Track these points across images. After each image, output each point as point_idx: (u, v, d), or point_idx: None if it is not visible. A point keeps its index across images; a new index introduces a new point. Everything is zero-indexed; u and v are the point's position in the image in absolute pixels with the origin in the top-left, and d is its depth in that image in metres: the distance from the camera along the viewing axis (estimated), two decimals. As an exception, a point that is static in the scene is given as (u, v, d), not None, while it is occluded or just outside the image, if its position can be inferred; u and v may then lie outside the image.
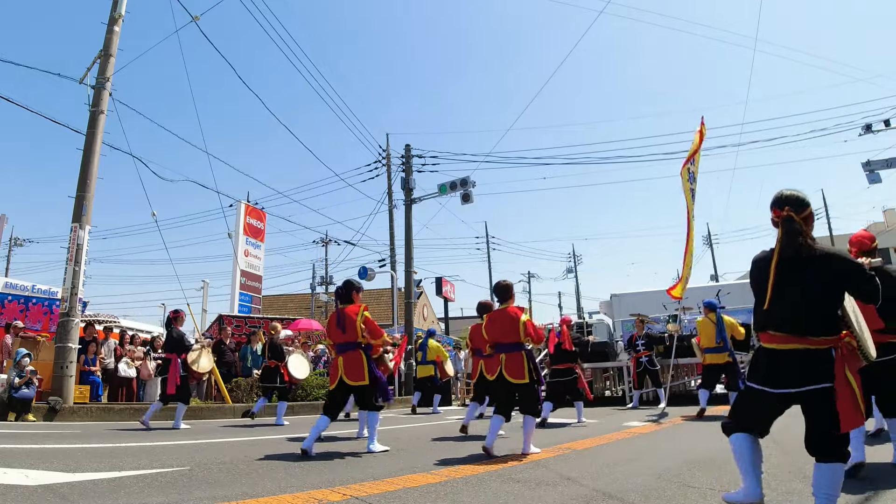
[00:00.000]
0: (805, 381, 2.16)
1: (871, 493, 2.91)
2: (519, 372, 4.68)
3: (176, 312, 7.33)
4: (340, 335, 4.91)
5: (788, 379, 2.19)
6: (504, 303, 4.97)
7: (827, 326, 2.21)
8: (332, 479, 3.54)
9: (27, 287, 13.43)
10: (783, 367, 2.22)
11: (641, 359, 9.91)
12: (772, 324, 2.29)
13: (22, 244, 31.10)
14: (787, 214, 2.34)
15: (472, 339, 6.70)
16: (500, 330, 4.87)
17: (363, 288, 5.30)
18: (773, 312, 2.31)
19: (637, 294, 15.40)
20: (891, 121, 15.24)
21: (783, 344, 2.23)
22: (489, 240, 32.40)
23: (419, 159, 17.74)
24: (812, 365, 2.16)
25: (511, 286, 5.07)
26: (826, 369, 2.14)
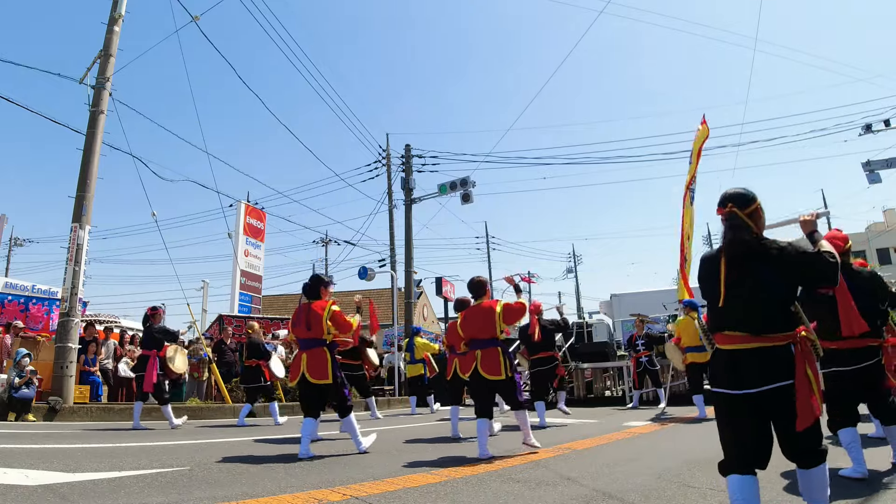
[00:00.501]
0: (766, 380, 2.08)
1: (870, 495, 2.91)
2: (495, 368, 4.59)
3: (154, 309, 7.25)
4: (305, 332, 4.75)
5: (750, 379, 2.10)
6: (478, 299, 4.90)
7: (784, 322, 2.14)
8: (332, 479, 3.54)
9: (27, 287, 13.43)
10: (743, 368, 2.13)
11: (641, 359, 9.91)
12: (727, 324, 2.21)
13: (22, 244, 31.09)
14: (729, 211, 2.29)
15: (449, 336, 6.61)
16: (474, 326, 4.79)
17: (333, 283, 5.15)
18: (727, 312, 2.22)
19: (637, 294, 15.42)
20: (891, 121, 15.23)
21: (741, 344, 2.15)
22: (489, 240, 32.43)
23: (419, 159, 17.76)
24: (772, 363, 2.09)
25: (485, 282, 4.98)
26: (787, 367, 2.07)
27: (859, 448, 3.25)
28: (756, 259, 2.19)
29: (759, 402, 2.09)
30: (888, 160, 15.62)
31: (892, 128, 15.22)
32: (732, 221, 2.27)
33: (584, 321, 17.55)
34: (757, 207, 2.30)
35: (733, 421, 2.15)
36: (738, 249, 2.22)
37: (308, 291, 4.95)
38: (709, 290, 2.31)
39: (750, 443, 2.11)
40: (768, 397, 2.07)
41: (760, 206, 2.31)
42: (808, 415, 2.01)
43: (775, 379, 2.07)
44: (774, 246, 2.20)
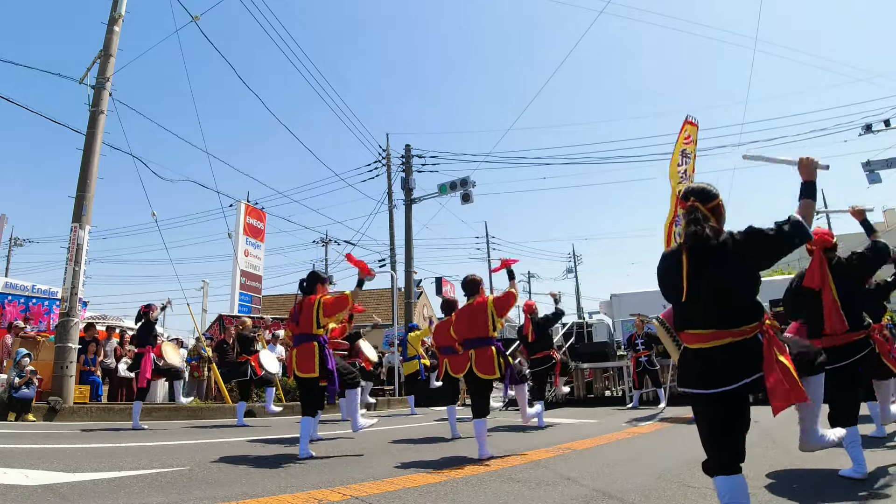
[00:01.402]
0: (741, 375, 2.04)
1: (870, 494, 2.91)
2: (489, 367, 4.56)
3: (147, 307, 7.26)
4: (295, 327, 4.78)
5: (723, 376, 2.05)
6: (471, 297, 4.85)
7: (750, 313, 2.10)
8: (332, 479, 3.54)
9: (27, 287, 13.43)
10: (715, 365, 2.08)
11: (641, 359, 9.91)
12: (694, 321, 2.15)
13: (22, 244, 31.06)
14: (691, 205, 2.26)
15: (437, 336, 6.56)
16: (468, 325, 4.76)
17: (332, 281, 5.17)
18: (692, 308, 2.16)
19: (637, 294, 15.39)
20: (891, 121, 15.23)
21: (711, 341, 2.09)
22: (489, 240, 32.41)
23: (419, 159, 17.76)
24: (744, 357, 2.06)
25: (479, 281, 4.93)
26: (758, 358, 2.05)
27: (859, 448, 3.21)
28: (717, 252, 2.14)
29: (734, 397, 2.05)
30: (888, 160, 15.61)
31: (892, 128, 15.21)
32: (693, 215, 2.23)
33: (584, 321, 17.54)
34: (718, 204, 2.28)
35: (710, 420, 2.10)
36: (699, 242, 2.17)
37: (304, 287, 4.92)
38: (670, 286, 2.26)
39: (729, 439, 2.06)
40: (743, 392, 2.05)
41: (722, 204, 2.30)
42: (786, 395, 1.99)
43: (749, 373, 2.04)
44: (732, 236, 2.18)
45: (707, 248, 2.16)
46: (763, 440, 4.83)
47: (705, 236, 2.15)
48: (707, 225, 2.18)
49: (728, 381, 2.04)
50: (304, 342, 4.73)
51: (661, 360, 10.11)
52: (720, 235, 2.20)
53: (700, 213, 2.23)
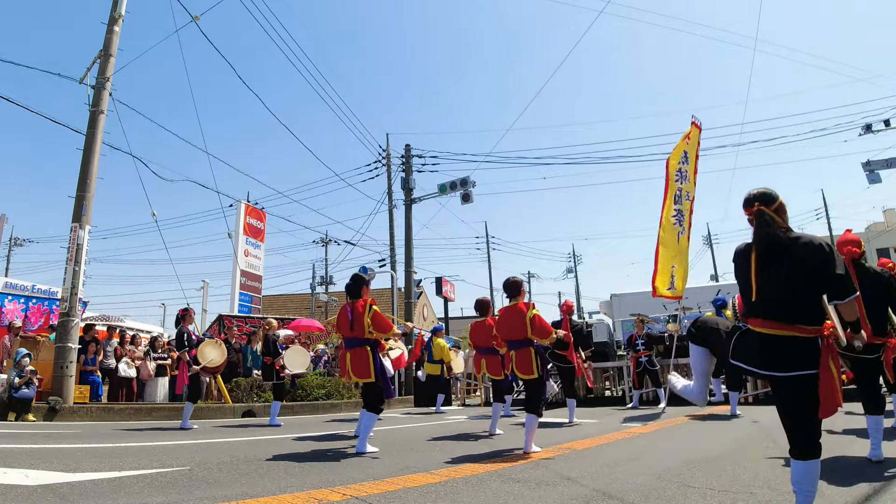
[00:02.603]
0: (794, 366, 2.21)
1: (870, 492, 2.91)
2: (528, 368, 4.72)
3: (185, 311, 7.36)
4: (349, 331, 4.88)
5: (778, 363, 2.25)
6: (513, 299, 4.96)
7: (813, 315, 2.26)
8: (332, 479, 3.54)
9: (27, 287, 13.43)
10: (772, 352, 2.27)
11: (641, 359, 9.91)
12: (761, 313, 2.33)
13: (22, 244, 31.08)
14: (757, 209, 2.45)
15: (473, 336, 6.60)
16: (508, 326, 4.88)
17: (371, 281, 5.19)
18: (760, 303, 2.35)
19: (637, 294, 15.39)
20: (891, 121, 15.22)
21: (774, 330, 2.28)
22: (489, 240, 32.38)
23: (419, 159, 17.75)
24: (800, 352, 2.22)
25: (519, 283, 5.07)
26: (813, 357, 2.20)
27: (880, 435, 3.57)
28: (783, 251, 2.32)
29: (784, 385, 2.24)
30: (888, 160, 15.62)
31: (892, 128, 15.21)
32: (761, 219, 2.42)
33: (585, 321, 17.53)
34: (781, 204, 2.46)
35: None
36: (767, 244, 2.35)
37: (350, 290, 5.01)
38: (742, 281, 2.46)
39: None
40: (791, 383, 2.22)
41: (783, 204, 2.48)
42: (831, 404, 2.15)
43: (802, 367, 2.20)
44: (798, 237, 2.34)
45: (776, 248, 2.34)
46: (763, 440, 4.83)
47: (777, 238, 2.35)
48: (775, 227, 2.38)
49: (781, 368, 2.24)
50: (357, 346, 4.85)
51: (660, 360, 10.10)
52: (789, 233, 2.37)
53: (767, 216, 2.42)
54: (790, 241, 2.33)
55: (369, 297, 4.98)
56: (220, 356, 7.29)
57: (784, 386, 2.26)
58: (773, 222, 2.40)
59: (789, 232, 2.39)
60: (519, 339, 4.80)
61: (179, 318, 7.31)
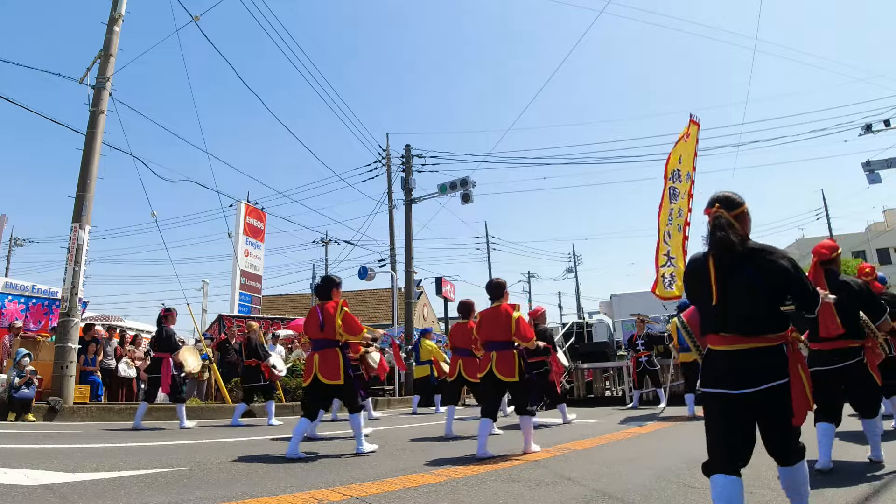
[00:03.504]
0: (762, 379, 2.10)
1: (870, 493, 2.91)
2: (510, 370, 4.66)
3: (167, 311, 7.24)
4: (318, 332, 4.77)
5: (747, 379, 2.11)
6: (496, 301, 4.92)
7: (775, 323, 2.17)
8: (332, 479, 3.54)
9: (27, 287, 13.42)
10: (739, 368, 2.14)
11: (641, 359, 9.91)
12: (721, 326, 2.21)
13: (22, 244, 31.05)
14: (716, 212, 2.31)
15: (453, 337, 6.60)
16: (491, 328, 4.82)
17: (342, 283, 5.09)
18: (720, 314, 2.22)
19: (637, 294, 15.40)
20: (891, 121, 15.22)
21: (737, 344, 2.15)
22: (489, 240, 32.37)
23: (419, 159, 17.74)
24: (767, 363, 2.12)
25: (503, 284, 5.02)
26: (780, 366, 2.11)
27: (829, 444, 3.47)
28: (744, 260, 2.19)
29: (753, 401, 2.11)
30: (888, 160, 15.62)
31: (892, 128, 15.21)
32: (718, 222, 2.27)
33: (584, 321, 17.54)
34: (743, 211, 2.33)
35: (727, 421, 2.16)
36: (725, 250, 2.22)
37: (319, 292, 4.95)
38: (698, 291, 2.32)
39: (739, 442, 2.13)
40: (762, 397, 2.10)
41: (747, 211, 2.35)
42: (803, 411, 2.09)
43: (770, 378, 2.09)
44: (761, 248, 2.23)
45: (735, 255, 2.21)
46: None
47: (730, 242, 2.21)
48: (731, 231, 2.23)
49: (751, 383, 2.10)
50: (326, 347, 4.75)
51: (661, 360, 10.11)
52: (746, 243, 2.24)
53: (724, 219, 2.27)
54: (749, 250, 2.21)
55: (341, 299, 4.89)
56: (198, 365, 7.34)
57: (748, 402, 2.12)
58: (728, 227, 2.25)
59: (748, 241, 2.26)
60: (502, 340, 4.75)
61: (162, 317, 7.16)
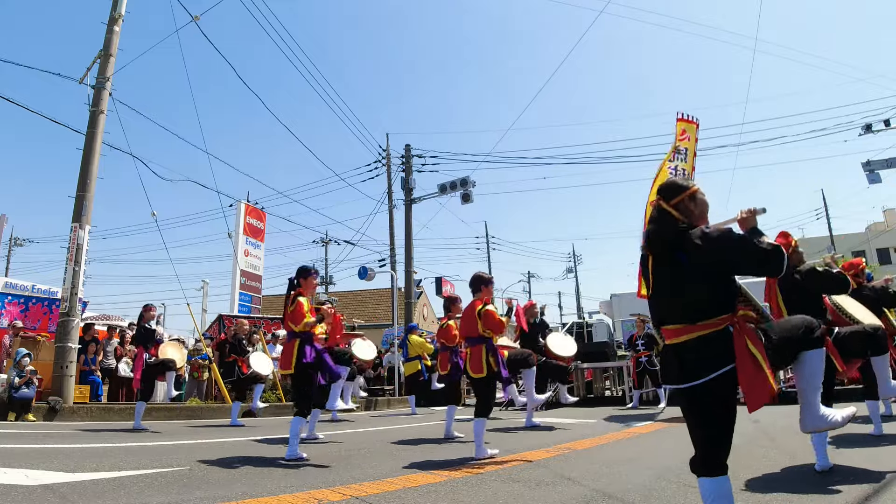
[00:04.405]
0: (711, 368, 1.99)
1: (870, 493, 2.91)
2: (477, 366, 4.58)
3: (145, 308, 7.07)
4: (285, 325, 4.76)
5: (695, 370, 2.02)
6: (475, 295, 4.83)
7: (716, 307, 2.06)
8: (332, 479, 3.54)
9: (27, 287, 13.43)
10: (688, 359, 2.06)
11: (641, 359, 9.92)
12: (664, 317, 2.17)
13: (22, 244, 31.04)
14: (655, 202, 2.29)
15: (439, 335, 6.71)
16: (464, 324, 4.81)
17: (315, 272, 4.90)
18: (659, 304, 2.20)
19: (637, 294, 15.40)
20: (891, 121, 15.22)
21: (681, 336, 2.08)
22: (489, 240, 32.40)
23: (419, 159, 17.75)
24: (711, 350, 2.01)
25: (481, 277, 4.87)
26: (726, 351, 2.00)
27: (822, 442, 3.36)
28: (677, 249, 2.13)
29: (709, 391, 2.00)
30: (888, 160, 15.62)
31: (892, 128, 15.21)
32: (653, 214, 2.27)
33: (584, 321, 17.54)
34: (684, 198, 2.24)
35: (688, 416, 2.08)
36: (651, 243, 2.22)
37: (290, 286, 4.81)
38: (646, 285, 2.31)
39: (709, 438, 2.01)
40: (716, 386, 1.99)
41: (692, 196, 2.25)
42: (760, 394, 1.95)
43: (719, 365, 1.99)
44: (697, 234, 2.12)
45: (666, 246, 2.17)
46: (763, 440, 4.82)
47: (654, 233, 2.21)
48: (661, 223, 2.22)
49: (699, 374, 2.02)
50: (289, 339, 4.69)
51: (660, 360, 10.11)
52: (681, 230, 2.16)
53: (660, 211, 2.26)
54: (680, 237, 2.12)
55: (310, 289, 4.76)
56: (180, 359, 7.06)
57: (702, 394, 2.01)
58: (659, 218, 2.22)
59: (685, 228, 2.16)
60: (472, 335, 4.69)
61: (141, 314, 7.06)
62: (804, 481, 3.22)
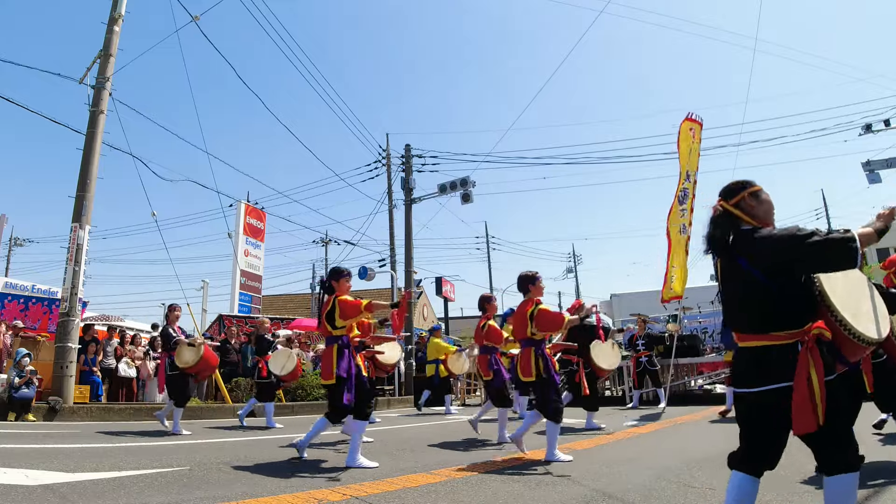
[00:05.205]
0: (763, 380, 1.93)
1: (871, 493, 2.91)
2: (527, 369, 4.50)
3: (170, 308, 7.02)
4: (321, 329, 4.54)
5: (749, 378, 1.99)
6: (525, 296, 4.70)
7: (784, 319, 1.95)
8: (332, 479, 3.54)
9: (27, 287, 13.43)
10: (744, 366, 2.03)
11: (641, 359, 9.92)
12: (732, 323, 2.10)
13: (22, 244, 31.01)
14: (716, 205, 2.19)
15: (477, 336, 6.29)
16: (515, 325, 4.70)
17: (348, 273, 4.64)
18: (724, 310, 2.15)
19: (637, 294, 15.43)
20: (891, 121, 15.22)
21: (745, 342, 2.04)
22: (489, 240, 32.36)
23: (419, 159, 17.73)
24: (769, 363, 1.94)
25: (526, 276, 4.74)
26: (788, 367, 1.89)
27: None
28: (738, 253, 2.04)
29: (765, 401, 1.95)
30: (888, 160, 15.61)
31: (892, 128, 15.21)
32: (712, 217, 2.18)
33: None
34: (744, 196, 2.14)
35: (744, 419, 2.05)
36: (712, 247, 2.14)
37: (325, 287, 4.61)
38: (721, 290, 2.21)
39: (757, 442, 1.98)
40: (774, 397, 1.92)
41: (753, 194, 2.14)
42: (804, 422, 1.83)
43: (775, 380, 1.92)
44: (755, 235, 2.01)
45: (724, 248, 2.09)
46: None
47: (712, 238, 2.12)
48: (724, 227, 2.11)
49: (752, 383, 1.98)
50: (327, 345, 4.48)
51: (661, 360, 10.11)
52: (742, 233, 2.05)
53: (721, 213, 2.16)
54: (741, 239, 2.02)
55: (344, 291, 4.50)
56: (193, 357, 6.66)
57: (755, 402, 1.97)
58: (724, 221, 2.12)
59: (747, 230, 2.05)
60: (522, 338, 4.62)
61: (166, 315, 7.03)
62: (804, 481, 3.22)
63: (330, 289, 4.53)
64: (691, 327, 13.67)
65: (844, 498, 1.88)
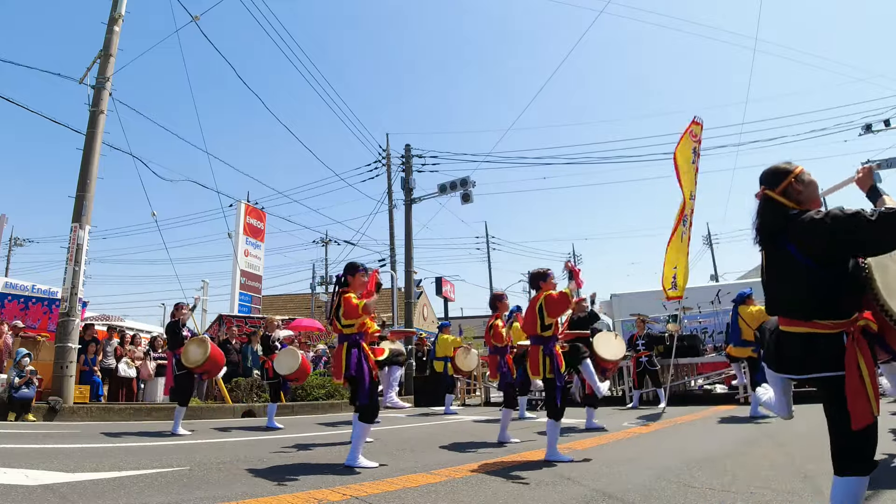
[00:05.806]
0: (807, 368, 1.91)
1: (871, 493, 2.91)
2: (535, 367, 4.44)
3: (175, 307, 7.04)
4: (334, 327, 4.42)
5: (793, 364, 1.97)
6: (537, 293, 4.62)
7: (830, 307, 1.89)
8: (332, 479, 3.54)
9: (27, 287, 13.43)
10: (787, 351, 1.98)
11: (641, 359, 9.91)
12: (775, 308, 2.07)
13: (22, 244, 31.02)
14: (760, 193, 2.13)
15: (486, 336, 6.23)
16: (525, 322, 4.63)
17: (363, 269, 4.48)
18: (768, 296, 2.10)
19: (637, 294, 15.42)
20: (891, 121, 15.23)
21: (787, 327, 1.99)
22: (489, 240, 32.34)
23: (419, 159, 17.73)
24: (814, 351, 1.89)
25: (537, 273, 4.66)
26: (832, 357, 1.85)
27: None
28: (783, 239, 1.99)
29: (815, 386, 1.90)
30: (888, 160, 15.62)
31: (892, 128, 15.22)
32: (758, 205, 2.12)
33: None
34: (790, 181, 2.06)
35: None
36: (759, 234, 2.10)
37: (339, 282, 4.45)
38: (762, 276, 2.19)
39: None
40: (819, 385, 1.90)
41: (798, 177, 2.06)
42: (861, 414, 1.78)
43: (818, 369, 1.89)
44: (804, 219, 1.92)
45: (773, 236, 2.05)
46: (763, 440, 4.83)
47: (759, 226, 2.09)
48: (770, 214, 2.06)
49: (795, 370, 1.97)
50: (339, 343, 4.36)
51: (661, 360, 10.11)
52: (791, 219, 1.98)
53: (766, 200, 2.10)
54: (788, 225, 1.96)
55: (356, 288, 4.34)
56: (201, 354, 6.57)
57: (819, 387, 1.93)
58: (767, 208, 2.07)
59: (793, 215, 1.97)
60: (531, 334, 4.53)
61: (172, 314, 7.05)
62: (804, 482, 3.22)
63: (344, 283, 4.39)
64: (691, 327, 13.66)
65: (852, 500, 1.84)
